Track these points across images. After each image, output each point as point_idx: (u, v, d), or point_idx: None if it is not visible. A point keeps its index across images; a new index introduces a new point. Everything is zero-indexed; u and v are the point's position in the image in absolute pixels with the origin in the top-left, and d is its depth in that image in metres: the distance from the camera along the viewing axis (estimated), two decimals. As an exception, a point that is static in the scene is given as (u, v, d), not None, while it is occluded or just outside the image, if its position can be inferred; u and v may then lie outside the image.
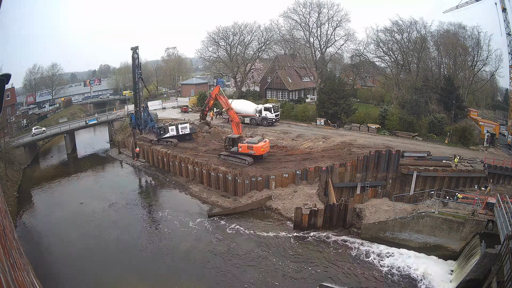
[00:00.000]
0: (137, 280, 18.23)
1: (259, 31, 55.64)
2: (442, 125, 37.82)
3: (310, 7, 50.53)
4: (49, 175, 35.41)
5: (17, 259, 3.15)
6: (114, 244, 21.56)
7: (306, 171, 27.89)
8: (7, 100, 45.96)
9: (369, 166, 28.11)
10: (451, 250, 19.09)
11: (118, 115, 50.79)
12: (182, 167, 32.25)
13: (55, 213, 25.98)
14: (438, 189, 26.00)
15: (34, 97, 67.87)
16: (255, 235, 22.33)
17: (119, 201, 28.02)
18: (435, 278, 17.62)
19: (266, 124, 41.75)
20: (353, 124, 40.48)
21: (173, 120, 44.43)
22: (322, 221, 22.81)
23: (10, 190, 29.14)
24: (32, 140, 40.58)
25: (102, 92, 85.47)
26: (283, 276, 18.11)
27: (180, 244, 21.51)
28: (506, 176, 28.04)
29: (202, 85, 74.47)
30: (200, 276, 18.26)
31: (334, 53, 54.40)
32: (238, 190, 27.63)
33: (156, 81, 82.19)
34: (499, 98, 66.24)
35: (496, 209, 17.80)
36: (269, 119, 41.94)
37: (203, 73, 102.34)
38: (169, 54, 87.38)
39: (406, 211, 21.24)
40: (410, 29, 45.83)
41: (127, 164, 38.01)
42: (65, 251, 20.89)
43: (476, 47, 49.87)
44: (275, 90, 57.30)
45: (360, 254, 20.02)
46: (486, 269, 15.08)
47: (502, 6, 40.14)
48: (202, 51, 58.10)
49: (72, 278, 18.44)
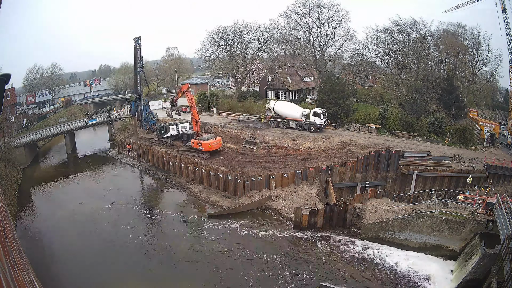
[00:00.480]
0: (137, 280, 18.23)
1: (259, 31, 55.60)
2: (442, 125, 37.81)
3: (310, 7, 50.57)
4: (49, 175, 35.39)
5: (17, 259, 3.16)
6: (114, 244, 21.56)
7: (306, 171, 27.91)
8: (7, 100, 45.98)
9: (369, 166, 28.11)
10: (451, 250, 19.10)
11: (118, 115, 50.83)
12: (182, 167, 32.26)
13: (55, 213, 25.97)
14: (438, 189, 26.00)
15: (34, 97, 67.79)
16: (255, 235, 22.34)
17: (119, 201, 28.02)
18: (435, 278, 17.62)
19: (313, 130, 37.63)
20: (353, 124, 40.47)
21: (173, 121, 44.39)
22: (322, 221, 22.83)
23: (10, 190, 29.14)
24: (32, 140, 40.60)
25: (102, 92, 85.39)
26: (283, 276, 18.12)
27: (180, 244, 21.51)
28: (506, 176, 28.04)
29: (202, 85, 74.45)
30: (200, 276, 18.25)
31: (334, 53, 54.40)
32: (238, 190, 27.64)
33: (156, 81, 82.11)
34: (499, 98, 66.25)
35: (496, 209, 17.80)
36: (317, 125, 37.72)
37: (203, 73, 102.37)
38: (169, 54, 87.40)
39: (406, 211, 21.24)
40: (410, 29, 45.87)
41: (127, 164, 38.02)
42: (65, 251, 20.88)
43: (476, 47, 49.87)
44: (275, 90, 57.31)
45: (360, 254, 20.02)
46: (486, 269, 15.08)
47: (502, 6, 40.14)
48: (202, 51, 58.07)
49: (72, 278, 18.43)
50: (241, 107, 49.81)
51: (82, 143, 47.11)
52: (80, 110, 67.83)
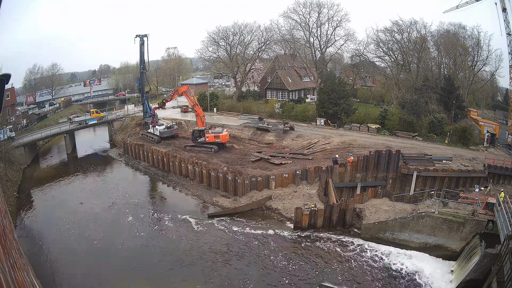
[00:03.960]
0: (136, 279, 18.22)
1: (259, 31, 55.66)
2: (442, 125, 37.83)
3: (310, 7, 50.59)
4: (49, 175, 35.37)
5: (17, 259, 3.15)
6: (113, 244, 21.53)
7: (306, 171, 27.91)
8: (7, 100, 45.98)
9: (369, 166, 28.10)
10: (451, 250, 19.10)
11: (118, 115, 50.85)
12: (182, 167, 32.26)
13: (55, 213, 25.95)
14: (438, 189, 25.99)
15: (34, 97, 67.75)
16: (255, 235, 22.33)
17: (119, 201, 28.02)
18: (435, 278, 17.62)
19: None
20: (353, 124, 40.48)
21: (173, 120, 44.50)
22: (322, 221, 22.83)
23: (10, 190, 29.12)
24: (32, 140, 40.58)
25: (102, 92, 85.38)
26: (283, 276, 18.12)
27: (180, 244, 21.51)
28: (506, 176, 28.05)
29: (202, 85, 74.52)
30: (200, 276, 18.25)
31: (334, 53, 54.42)
32: (238, 190, 27.63)
33: (156, 81, 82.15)
34: (499, 98, 66.25)
35: (496, 209, 17.80)
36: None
37: (203, 73, 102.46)
38: (169, 54, 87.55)
39: (406, 211, 21.24)
40: (410, 29, 45.93)
41: (127, 164, 38.02)
42: (65, 251, 20.86)
43: (476, 47, 49.93)
44: (275, 90, 57.32)
45: (360, 254, 20.02)
46: (486, 269, 15.09)
47: (502, 6, 40.18)
48: (202, 51, 58.13)
49: (72, 278, 18.42)
50: (241, 107, 49.90)
51: (82, 143, 47.07)
52: (80, 110, 67.81)
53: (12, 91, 51.29)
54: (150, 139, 39.62)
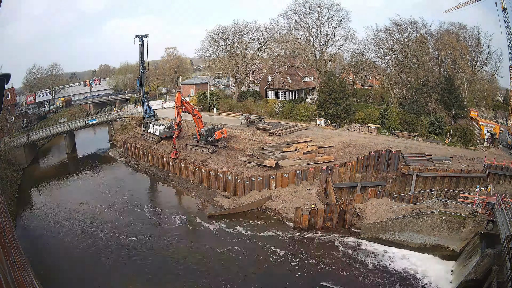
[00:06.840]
0: (136, 279, 18.22)
1: (259, 31, 55.57)
2: (442, 125, 37.80)
3: (310, 7, 50.44)
4: (49, 175, 35.37)
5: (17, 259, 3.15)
6: (113, 244, 21.54)
7: (306, 171, 27.89)
8: (7, 100, 45.92)
9: (369, 166, 28.09)
10: (451, 250, 19.11)
11: (118, 115, 50.82)
12: (182, 167, 32.25)
13: (55, 213, 25.95)
14: (438, 189, 25.99)
15: (34, 97, 67.71)
16: (255, 235, 22.33)
17: (119, 201, 28.01)
18: (435, 278, 17.63)
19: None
20: (353, 124, 40.46)
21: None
22: (322, 221, 22.82)
23: (10, 190, 29.11)
24: (32, 140, 40.56)
25: (102, 92, 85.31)
26: (283, 276, 18.12)
27: (179, 244, 21.51)
28: (506, 176, 28.04)
29: (202, 85, 74.38)
30: (200, 276, 18.25)
31: (334, 53, 54.32)
32: (238, 190, 27.62)
33: (156, 81, 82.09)
34: (499, 98, 66.22)
35: (496, 209, 17.79)
36: None
37: (203, 73, 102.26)
38: (169, 54, 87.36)
39: (406, 211, 21.24)
40: (410, 29, 45.84)
41: (127, 164, 38.01)
42: (65, 251, 20.87)
43: (476, 47, 49.87)
44: (275, 90, 57.24)
45: (360, 254, 20.02)
46: (486, 269, 15.07)
47: (502, 6, 40.17)
48: (202, 51, 58.01)
49: (72, 278, 18.43)
50: (241, 107, 49.94)
51: (82, 143, 47.10)
52: (80, 110, 67.78)
53: (12, 91, 51.22)
54: (150, 139, 39.60)
